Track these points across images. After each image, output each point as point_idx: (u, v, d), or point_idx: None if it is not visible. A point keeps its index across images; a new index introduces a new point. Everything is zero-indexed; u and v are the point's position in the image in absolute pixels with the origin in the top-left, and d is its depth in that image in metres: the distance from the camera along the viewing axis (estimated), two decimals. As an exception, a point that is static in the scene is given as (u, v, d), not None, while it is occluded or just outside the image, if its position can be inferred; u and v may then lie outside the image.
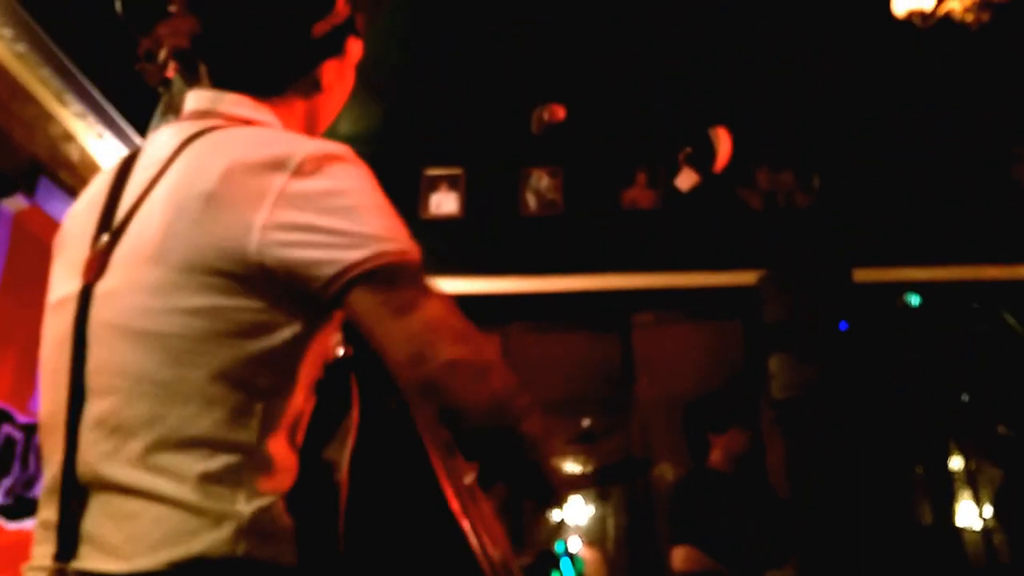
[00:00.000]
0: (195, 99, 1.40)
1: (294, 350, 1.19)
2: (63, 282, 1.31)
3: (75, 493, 1.16)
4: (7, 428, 3.79)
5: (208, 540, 1.10)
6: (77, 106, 4.14)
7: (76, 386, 1.20)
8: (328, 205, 1.16)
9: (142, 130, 4.44)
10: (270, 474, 1.17)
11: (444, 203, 5.79)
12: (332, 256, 1.13)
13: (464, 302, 1.86)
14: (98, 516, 1.15)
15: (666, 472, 5.79)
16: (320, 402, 1.27)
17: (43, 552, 1.19)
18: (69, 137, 4.26)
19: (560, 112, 2.30)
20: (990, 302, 3.28)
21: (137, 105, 4.42)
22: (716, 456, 4.34)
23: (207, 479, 1.12)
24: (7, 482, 3.79)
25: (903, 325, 3.78)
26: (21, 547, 3.76)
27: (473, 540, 1.30)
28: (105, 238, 1.25)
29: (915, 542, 5.35)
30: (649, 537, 5.65)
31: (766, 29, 5.18)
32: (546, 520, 5.13)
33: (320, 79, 1.46)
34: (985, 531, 5.23)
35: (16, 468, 3.85)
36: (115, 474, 1.14)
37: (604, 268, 5.67)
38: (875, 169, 5.70)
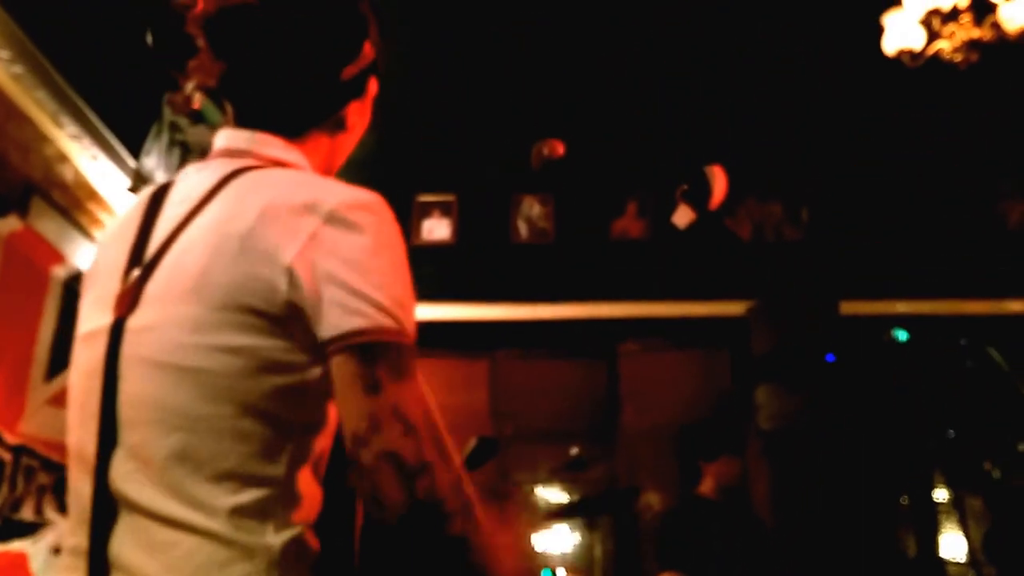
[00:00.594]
0: (227, 138, 1.42)
1: (322, 389, 1.20)
2: (93, 315, 1.32)
3: (106, 521, 1.18)
4: (-4, 449, 3.78)
5: (239, 572, 1.12)
6: (72, 128, 4.15)
7: (107, 417, 1.21)
8: (350, 257, 1.18)
9: (136, 152, 4.46)
10: (298, 506, 1.19)
11: (436, 229, 5.82)
12: (334, 320, 1.15)
13: (453, 328, 1.89)
14: (128, 544, 1.16)
15: (652, 501, 5.80)
16: (340, 433, 1.27)
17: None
18: (63, 158, 4.26)
19: (559, 148, 2.32)
20: (977, 337, 3.31)
21: (132, 128, 4.45)
22: (706, 485, 4.35)
23: (238, 512, 1.14)
24: (-6, 504, 3.77)
25: (890, 358, 3.81)
26: (8, 568, 3.75)
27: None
28: (136, 272, 1.27)
29: (899, 573, 5.37)
30: (635, 565, 5.65)
31: (757, 62, 5.24)
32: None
33: (345, 120, 1.49)
34: (969, 563, 5.25)
35: (3, 490, 3.82)
36: (148, 503, 1.16)
37: (593, 296, 5.70)
38: (864, 203, 5.76)
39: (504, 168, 5.72)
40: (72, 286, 4.27)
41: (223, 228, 1.21)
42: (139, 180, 4.47)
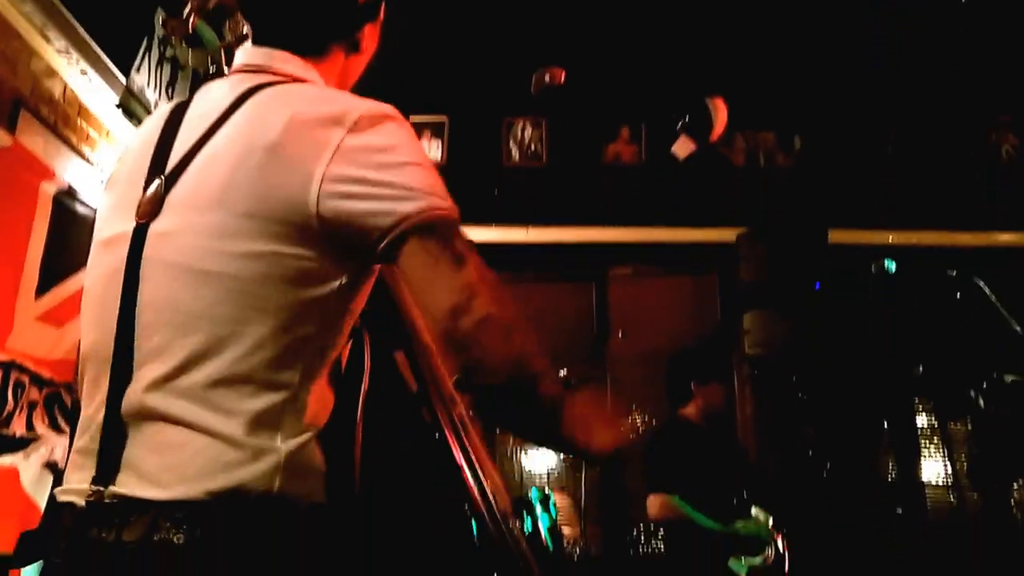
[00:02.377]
0: (245, 55, 1.46)
1: (340, 300, 1.25)
2: (114, 221, 1.35)
3: (118, 422, 1.22)
4: (-16, 365, 3.80)
5: (247, 473, 1.15)
6: (60, 42, 4.09)
7: (126, 320, 1.24)
8: (382, 161, 1.22)
9: (126, 68, 4.41)
10: (308, 414, 1.22)
11: (428, 150, 5.78)
12: (388, 208, 1.19)
13: None
14: (139, 445, 1.19)
15: (638, 423, 5.88)
16: (353, 346, 1.34)
17: (80, 477, 1.24)
18: (52, 73, 4.21)
19: (560, 76, 2.31)
20: (965, 268, 3.33)
21: (121, 43, 4.38)
22: (692, 408, 4.41)
23: (252, 415, 1.17)
24: (-16, 419, 3.81)
25: (877, 287, 3.82)
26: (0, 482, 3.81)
27: (468, 474, 1.38)
28: (159, 181, 1.29)
29: (880, 497, 5.48)
30: (619, 485, 5.75)
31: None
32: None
33: (360, 42, 1.52)
34: (948, 486, 5.37)
35: (-6, 405, 3.86)
36: (163, 406, 1.18)
37: (584, 220, 5.69)
38: (856, 133, 5.73)
39: (496, 89, 5.69)
40: (62, 202, 4.25)
41: (248, 139, 1.24)
42: (129, 96, 4.42)
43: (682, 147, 2.32)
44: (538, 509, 4.69)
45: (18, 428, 3.99)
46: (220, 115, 1.30)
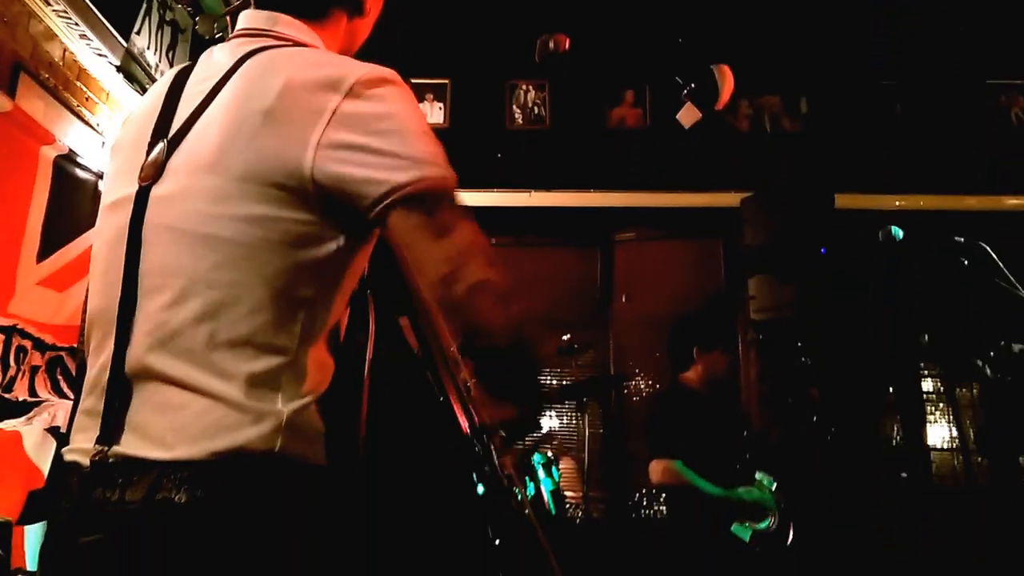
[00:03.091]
0: (247, 19, 1.47)
1: (338, 263, 1.27)
2: (118, 185, 1.37)
3: (122, 384, 1.24)
4: (-14, 330, 3.80)
5: (248, 435, 1.17)
6: (60, 4, 4.06)
7: (130, 283, 1.26)
8: (378, 127, 1.23)
9: (125, 31, 4.37)
10: (308, 377, 1.24)
11: (429, 113, 5.74)
12: (380, 176, 1.21)
13: None
14: (143, 407, 1.22)
15: (640, 387, 5.88)
16: (355, 311, 1.37)
17: (85, 437, 1.27)
18: (51, 36, 4.18)
19: (565, 42, 2.27)
20: (972, 235, 3.31)
21: (121, 6, 4.35)
22: (694, 374, 4.40)
23: (251, 378, 1.19)
24: (-12, 383, 3.81)
25: (884, 253, 3.80)
26: (2, 447, 3.82)
27: (464, 423, 1.48)
28: (161, 145, 1.31)
29: (885, 461, 5.47)
30: (622, 447, 5.76)
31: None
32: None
33: (363, 3, 1.53)
34: (955, 451, 5.36)
35: (-3, 369, 3.87)
36: (165, 367, 1.21)
37: (588, 184, 5.65)
38: (863, 96, 5.67)
39: (499, 52, 5.63)
40: (62, 167, 4.23)
41: (243, 104, 1.25)
42: (129, 59, 4.39)
43: (687, 115, 2.29)
44: (541, 473, 4.72)
45: (20, 393, 4.00)
46: (219, 79, 1.32)
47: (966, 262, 3.72)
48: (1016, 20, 5.36)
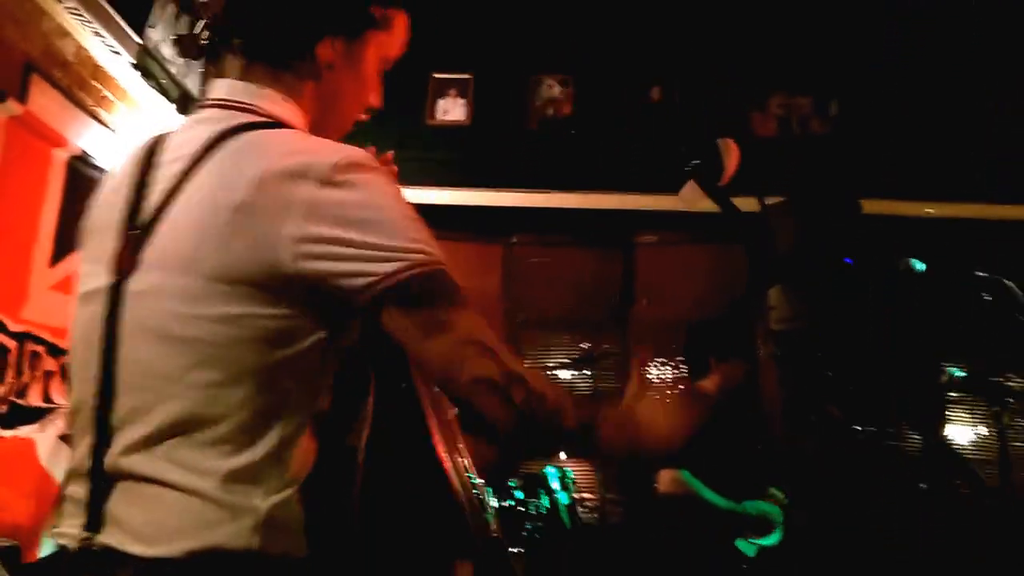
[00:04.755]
0: (220, 88, 1.42)
1: (318, 355, 1.24)
2: (92, 273, 1.34)
3: (103, 478, 1.24)
4: (0, 337, 3.78)
5: (225, 532, 1.16)
6: (71, 1, 3.96)
7: (105, 380, 1.25)
8: (356, 217, 1.19)
9: (139, 28, 4.28)
10: (290, 467, 1.22)
11: (451, 110, 5.61)
12: (363, 269, 1.17)
13: (467, 212, 1.84)
14: (122, 501, 1.22)
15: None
16: (340, 389, 1.31)
17: (72, 523, 1.26)
18: (63, 33, 4.09)
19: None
20: (994, 270, 3.24)
21: (135, 1, 4.25)
22: (710, 383, 4.34)
23: (230, 474, 1.18)
24: (1, 390, 3.80)
25: (903, 286, 3.72)
26: (15, 454, 3.82)
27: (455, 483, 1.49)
28: (134, 232, 1.28)
29: (905, 471, 5.42)
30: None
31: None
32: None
33: (319, 58, 1.44)
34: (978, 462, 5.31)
35: (9, 376, 3.85)
36: (143, 467, 1.20)
37: (612, 185, 5.52)
38: (897, 98, 5.49)
39: (524, 46, 5.50)
40: (76, 168, 4.17)
41: (216, 197, 1.21)
42: (145, 55, 4.30)
43: (689, 194, 2.19)
44: (556, 486, 4.70)
45: (34, 398, 3.99)
46: (191, 161, 1.27)
47: (988, 297, 3.64)
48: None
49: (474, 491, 1.60)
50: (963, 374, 3.59)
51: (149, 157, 1.36)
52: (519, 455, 1.18)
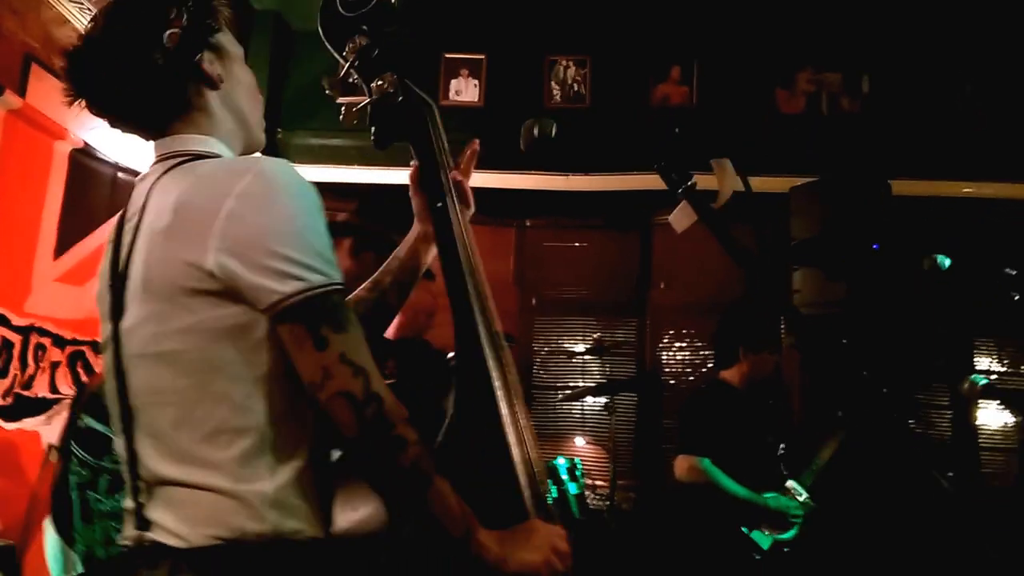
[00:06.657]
0: (156, 147, 1.58)
1: (275, 340, 1.37)
2: (103, 327, 1.52)
3: (140, 489, 1.43)
4: (3, 331, 3.79)
5: (241, 519, 1.34)
6: (69, -13, 3.93)
7: (124, 408, 1.45)
8: (262, 229, 1.33)
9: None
10: (286, 449, 1.40)
11: (464, 90, 5.49)
12: (268, 285, 1.32)
13: (480, 194, 1.79)
14: (159, 504, 1.40)
15: (675, 372, 5.74)
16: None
17: (128, 527, 1.45)
18: (63, 22, 4.05)
19: (551, 127, 2.07)
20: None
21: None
22: (736, 372, 4.25)
23: (233, 463, 1.36)
24: (4, 384, 3.81)
25: (929, 282, 3.55)
26: (19, 446, 3.85)
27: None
28: (115, 284, 1.47)
29: (934, 461, 5.26)
30: (654, 439, 5.65)
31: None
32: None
33: (206, 74, 1.58)
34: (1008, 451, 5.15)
35: (14, 369, 3.87)
36: (167, 472, 1.39)
37: (629, 166, 5.35)
38: (929, 75, 5.25)
39: (538, 26, 5.34)
40: (78, 159, 4.16)
41: (151, 228, 1.41)
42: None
43: (681, 217, 2.08)
44: (565, 477, 4.63)
45: (41, 390, 4.02)
46: (140, 211, 1.47)
47: (1017, 297, 3.47)
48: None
49: (538, 482, 1.68)
50: (986, 381, 3.41)
51: (121, 220, 1.54)
52: (362, 468, 1.24)
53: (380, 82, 1.75)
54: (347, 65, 1.75)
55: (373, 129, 1.77)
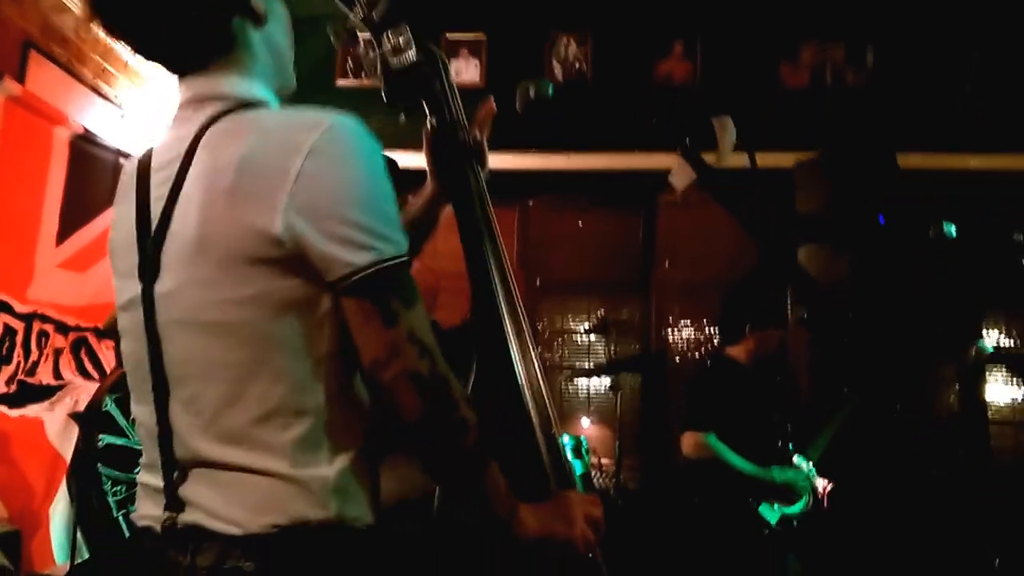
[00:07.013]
0: (188, 86, 1.42)
1: (339, 316, 1.29)
2: (125, 286, 1.41)
3: (176, 468, 1.33)
4: (6, 318, 3.81)
5: (301, 505, 1.26)
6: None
7: (159, 378, 1.34)
8: (335, 192, 1.24)
9: None
10: (345, 433, 1.32)
11: (464, 70, 5.47)
12: (339, 255, 1.23)
13: None
14: (199, 485, 1.30)
15: (681, 349, 5.72)
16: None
17: (153, 505, 1.36)
18: (62, 8, 4.06)
19: (549, 87, 2.05)
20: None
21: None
22: (742, 349, 4.21)
23: (291, 446, 1.27)
24: (8, 371, 3.84)
25: (935, 251, 3.53)
26: (22, 433, 3.87)
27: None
28: (148, 243, 1.35)
29: (940, 434, 5.24)
30: (659, 417, 5.64)
31: None
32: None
33: (243, 18, 1.43)
34: (1014, 423, 5.12)
35: (17, 356, 3.89)
36: (210, 451, 1.29)
37: (632, 144, 5.32)
38: (937, 44, 5.18)
39: (539, 3, 5.30)
40: (79, 145, 4.16)
41: (208, 185, 1.27)
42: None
43: (680, 176, 2.08)
44: (570, 456, 4.63)
45: (44, 377, 4.05)
46: (181, 163, 1.32)
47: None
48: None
49: (564, 461, 1.65)
50: (991, 349, 3.40)
51: (142, 171, 1.41)
52: (421, 452, 1.18)
53: (392, 35, 1.64)
54: (357, 18, 1.63)
55: (384, 83, 1.66)
